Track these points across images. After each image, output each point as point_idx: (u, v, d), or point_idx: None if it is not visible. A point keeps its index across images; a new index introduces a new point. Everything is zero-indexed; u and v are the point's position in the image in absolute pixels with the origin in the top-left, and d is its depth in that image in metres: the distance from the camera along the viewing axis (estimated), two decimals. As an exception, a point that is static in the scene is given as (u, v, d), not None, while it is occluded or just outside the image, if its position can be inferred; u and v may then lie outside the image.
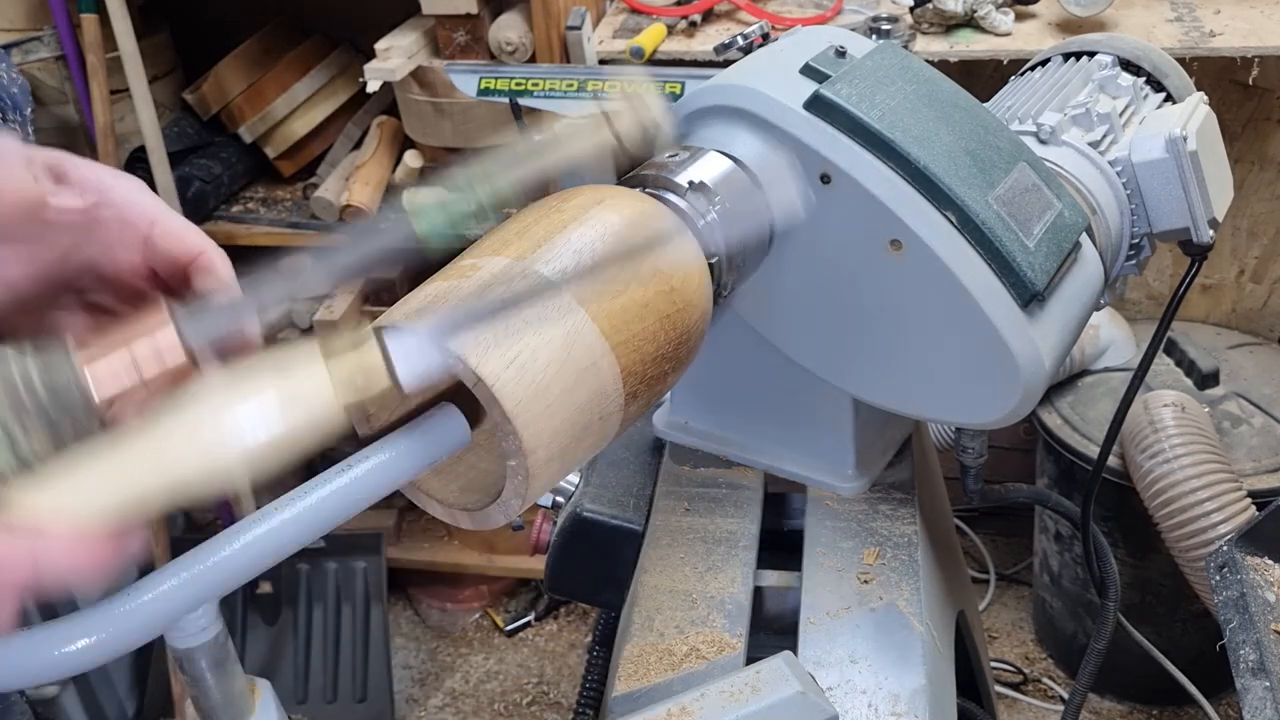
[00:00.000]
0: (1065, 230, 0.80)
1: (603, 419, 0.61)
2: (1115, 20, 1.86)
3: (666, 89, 1.71)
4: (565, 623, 2.52)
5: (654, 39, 1.84)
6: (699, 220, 0.74)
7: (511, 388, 0.56)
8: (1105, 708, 2.20)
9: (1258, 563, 1.03)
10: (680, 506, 0.96)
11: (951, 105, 0.81)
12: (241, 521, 0.56)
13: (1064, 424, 1.98)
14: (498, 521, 0.63)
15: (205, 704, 0.59)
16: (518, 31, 1.85)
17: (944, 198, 0.74)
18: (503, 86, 1.75)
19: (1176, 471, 1.71)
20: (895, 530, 0.92)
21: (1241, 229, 2.21)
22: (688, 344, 0.67)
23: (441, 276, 0.61)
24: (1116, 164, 0.94)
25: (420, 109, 1.99)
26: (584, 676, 1.15)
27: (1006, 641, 2.36)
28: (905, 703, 0.77)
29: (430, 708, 2.35)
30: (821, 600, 0.86)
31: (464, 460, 0.66)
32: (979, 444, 1.00)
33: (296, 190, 2.21)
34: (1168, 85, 1.07)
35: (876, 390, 0.86)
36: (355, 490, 0.58)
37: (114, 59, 1.95)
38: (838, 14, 1.95)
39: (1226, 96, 2.06)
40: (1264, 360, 2.07)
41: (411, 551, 2.47)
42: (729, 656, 0.81)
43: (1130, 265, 0.98)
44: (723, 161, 0.77)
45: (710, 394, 1.00)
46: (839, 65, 0.79)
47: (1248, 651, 0.94)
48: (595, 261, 0.62)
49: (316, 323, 2.17)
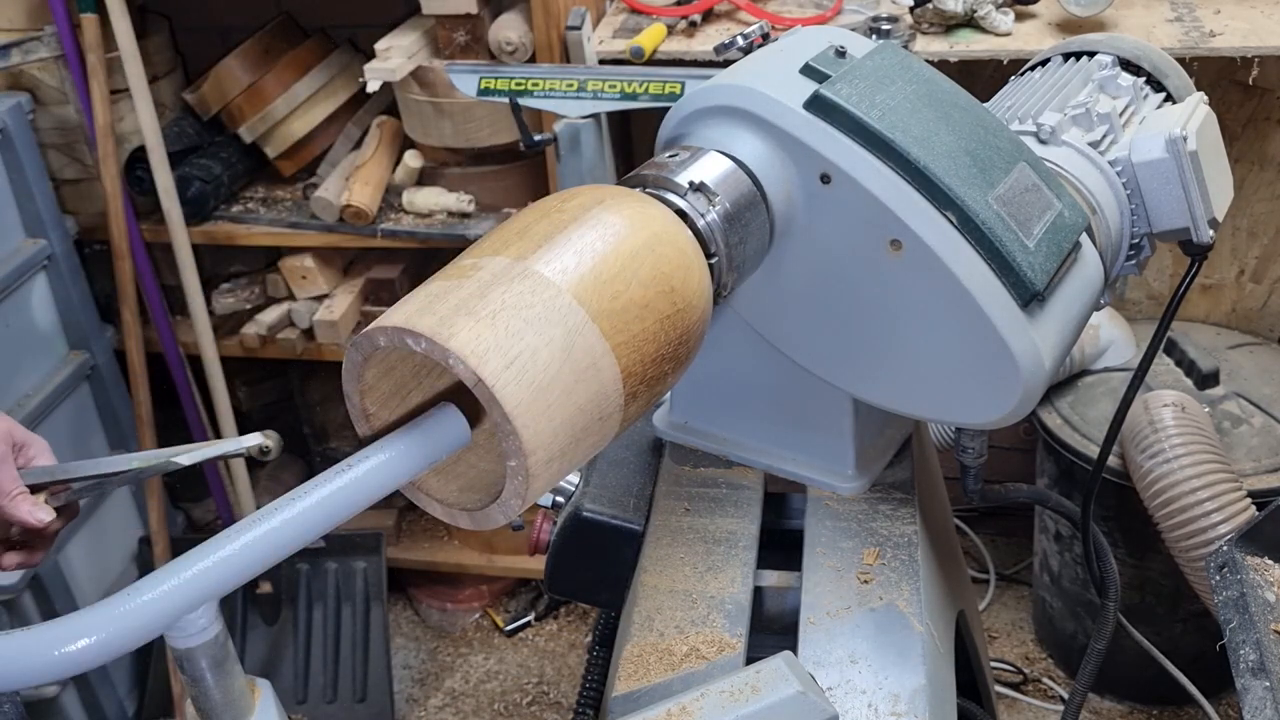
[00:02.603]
0: (1065, 230, 0.80)
1: (603, 419, 0.61)
2: (1115, 20, 1.86)
3: (667, 89, 1.71)
4: (565, 623, 2.52)
5: (654, 39, 1.84)
6: (699, 220, 0.74)
7: (511, 388, 0.56)
8: (1105, 708, 2.20)
9: (1258, 563, 1.03)
10: (680, 506, 0.96)
11: (951, 105, 0.81)
12: (241, 521, 0.56)
13: (1064, 424, 1.98)
14: (498, 521, 0.63)
15: (205, 704, 0.59)
16: (518, 31, 1.85)
17: (944, 198, 0.74)
18: (503, 86, 1.75)
19: (1176, 471, 1.71)
20: (895, 530, 0.92)
21: (1241, 229, 2.21)
22: (688, 344, 0.67)
23: (442, 276, 0.61)
24: (1116, 164, 0.94)
25: (420, 109, 1.99)
26: (584, 676, 1.15)
27: (1006, 641, 2.36)
28: (905, 703, 0.77)
29: (430, 708, 2.35)
30: (821, 600, 0.86)
31: (464, 460, 0.66)
32: (979, 444, 1.00)
33: (296, 190, 2.21)
34: (1168, 85, 1.07)
35: (876, 390, 0.86)
36: (355, 490, 0.58)
37: (114, 59, 1.95)
38: (838, 14, 1.95)
39: (1226, 96, 2.06)
40: (1264, 360, 2.07)
41: (411, 551, 2.47)
42: (729, 656, 0.81)
43: (1130, 265, 0.98)
44: (723, 161, 0.77)
45: (710, 394, 1.00)
46: (839, 65, 0.79)
47: (1248, 651, 0.94)
48: (595, 262, 0.62)
49: (316, 323, 2.17)
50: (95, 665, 0.52)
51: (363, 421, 0.63)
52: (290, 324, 2.22)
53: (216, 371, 2.16)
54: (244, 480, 2.27)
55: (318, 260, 2.19)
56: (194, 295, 2.10)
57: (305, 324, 2.19)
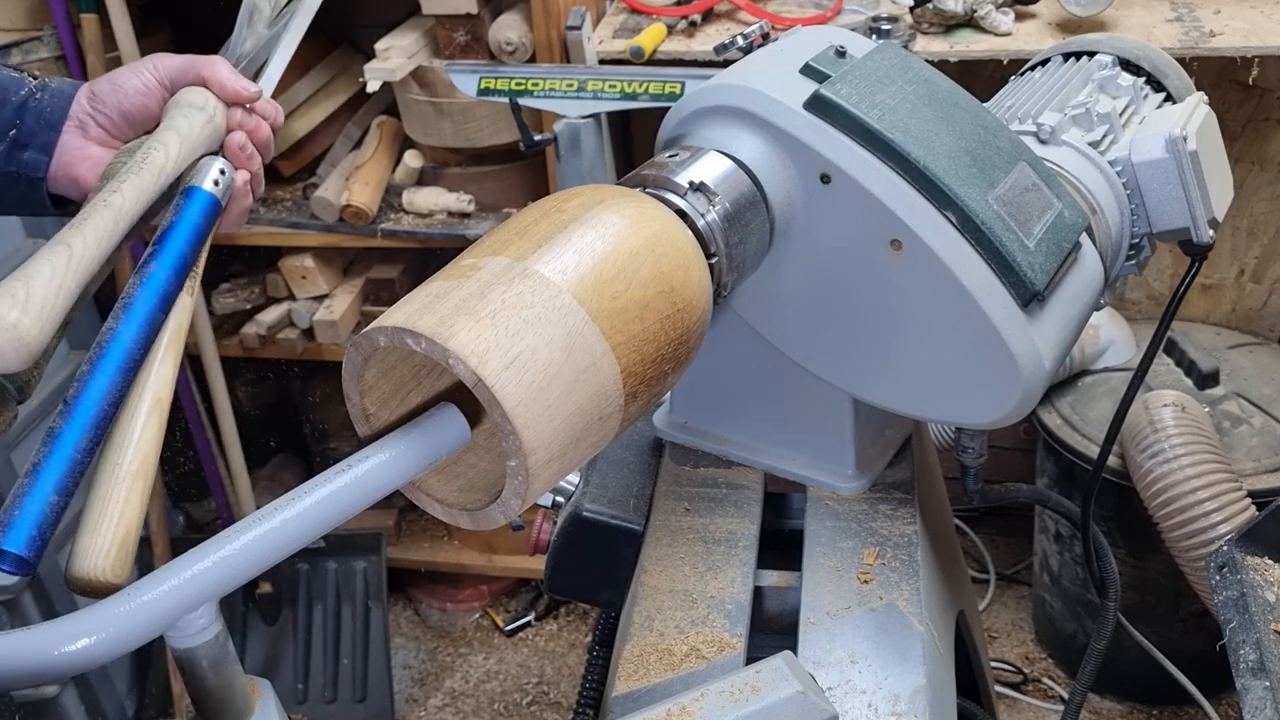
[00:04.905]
0: (1065, 230, 0.80)
1: (602, 419, 0.61)
2: (1115, 20, 1.86)
3: (667, 89, 1.71)
4: (565, 623, 2.52)
5: (654, 39, 1.84)
6: (699, 220, 0.74)
7: (511, 388, 0.56)
8: (1105, 708, 2.20)
9: (1258, 563, 1.03)
10: (680, 506, 0.96)
11: (951, 105, 0.81)
12: (241, 521, 0.56)
13: (1064, 424, 1.98)
14: (498, 521, 0.63)
15: (205, 704, 0.59)
16: (518, 31, 1.85)
17: (944, 198, 0.74)
18: (503, 86, 1.75)
19: (1176, 471, 1.71)
20: (895, 530, 0.92)
21: (1241, 229, 2.21)
22: (688, 344, 0.67)
23: (442, 276, 0.61)
24: (1116, 164, 0.94)
25: (420, 109, 1.99)
26: (584, 676, 1.15)
27: (1006, 641, 2.36)
28: (905, 703, 0.77)
29: (430, 708, 2.35)
30: (821, 600, 0.86)
31: (464, 460, 0.66)
32: (979, 444, 1.00)
33: (296, 190, 2.21)
34: (1168, 85, 1.07)
35: (876, 390, 0.86)
36: (355, 490, 0.58)
37: (114, 59, 1.95)
38: (838, 14, 1.95)
39: (1226, 96, 2.06)
40: (1264, 360, 2.07)
41: (411, 551, 2.47)
42: (729, 656, 0.81)
43: (1130, 265, 0.98)
44: (723, 161, 0.77)
45: (710, 394, 1.00)
46: (839, 65, 0.79)
47: (1248, 651, 0.94)
48: (595, 262, 0.62)
49: (316, 323, 2.17)
50: (95, 665, 0.52)
51: (363, 421, 0.63)
52: (290, 324, 2.22)
53: (216, 371, 2.16)
54: (244, 480, 2.27)
55: (318, 260, 2.19)
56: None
57: (305, 324, 2.19)
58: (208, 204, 0.81)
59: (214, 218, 0.82)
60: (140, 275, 0.73)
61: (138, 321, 0.70)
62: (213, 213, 0.81)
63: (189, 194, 0.81)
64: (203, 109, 0.85)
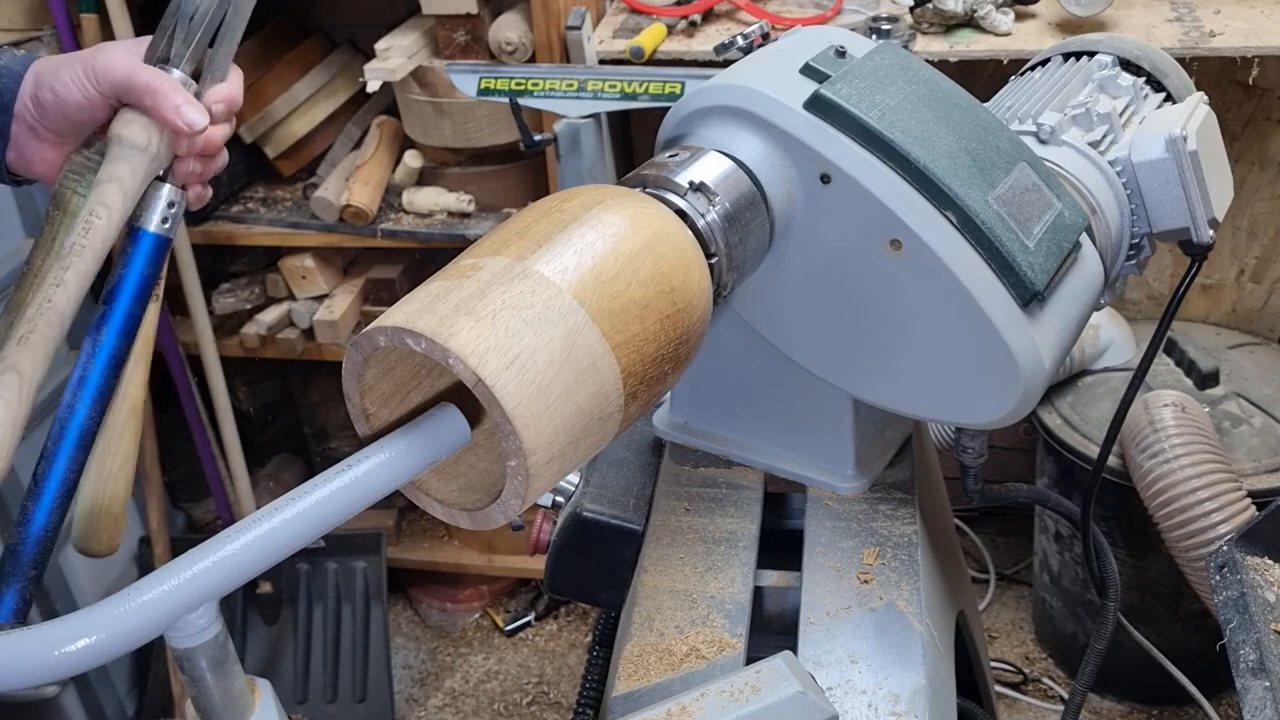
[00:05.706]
0: (1065, 230, 0.80)
1: (603, 419, 0.61)
2: (1115, 20, 1.86)
3: (667, 89, 1.71)
4: (565, 623, 2.52)
5: (654, 39, 1.84)
6: (699, 220, 0.74)
7: (511, 388, 0.56)
8: (1105, 708, 2.20)
9: (1258, 563, 1.03)
10: (680, 506, 0.96)
11: (951, 105, 0.81)
12: (241, 521, 0.56)
13: (1064, 424, 1.98)
14: (498, 521, 0.63)
15: (205, 704, 0.59)
16: (518, 31, 1.85)
17: (944, 198, 0.74)
18: (503, 86, 1.75)
19: (1176, 471, 1.71)
20: (895, 530, 0.92)
21: (1241, 229, 2.21)
22: (688, 344, 0.67)
23: (442, 276, 0.61)
24: (1116, 164, 0.94)
25: (420, 109, 1.99)
26: (584, 676, 1.15)
27: (1006, 641, 2.36)
28: (905, 703, 0.77)
29: (430, 708, 2.35)
30: (821, 600, 0.86)
31: (464, 460, 0.66)
32: (979, 444, 1.00)
33: (296, 190, 2.21)
34: (1168, 85, 1.07)
35: (876, 390, 0.86)
36: (355, 490, 0.58)
37: (114, 59, 1.95)
38: (838, 14, 1.95)
39: (1226, 96, 2.06)
40: (1264, 360, 2.07)
41: (411, 551, 2.47)
42: (729, 656, 0.81)
43: (1130, 265, 0.98)
44: (723, 161, 0.77)
45: (710, 394, 1.00)
46: (839, 65, 0.79)
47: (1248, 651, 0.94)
48: (595, 262, 0.62)
49: (316, 323, 2.17)
50: (95, 665, 0.52)
51: (363, 421, 0.63)
52: (290, 324, 2.22)
53: (216, 371, 2.16)
54: (244, 480, 2.27)
55: (318, 260, 2.19)
56: (194, 295, 2.10)
57: (305, 324, 2.19)
58: (155, 245, 0.84)
59: (164, 252, 0.84)
60: (94, 342, 0.81)
61: (93, 397, 0.80)
62: (162, 250, 0.84)
63: (137, 238, 0.84)
64: (145, 150, 0.83)
